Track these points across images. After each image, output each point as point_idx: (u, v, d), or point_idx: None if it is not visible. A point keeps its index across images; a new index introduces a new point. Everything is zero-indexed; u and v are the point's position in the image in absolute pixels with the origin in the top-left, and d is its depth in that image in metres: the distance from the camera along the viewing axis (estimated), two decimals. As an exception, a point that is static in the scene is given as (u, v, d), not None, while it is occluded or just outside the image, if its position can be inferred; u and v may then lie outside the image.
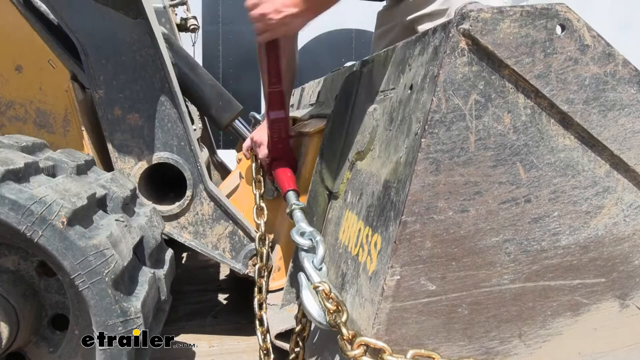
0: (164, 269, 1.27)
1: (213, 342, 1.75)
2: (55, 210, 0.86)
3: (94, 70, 1.46)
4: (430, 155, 0.88)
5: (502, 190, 0.92)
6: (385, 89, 1.19)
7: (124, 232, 1.02)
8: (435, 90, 0.87)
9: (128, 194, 1.25)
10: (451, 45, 0.87)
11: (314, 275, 1.11)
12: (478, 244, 0.92)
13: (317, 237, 1.21)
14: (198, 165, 1.55)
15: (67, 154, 1.23)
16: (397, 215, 0.92)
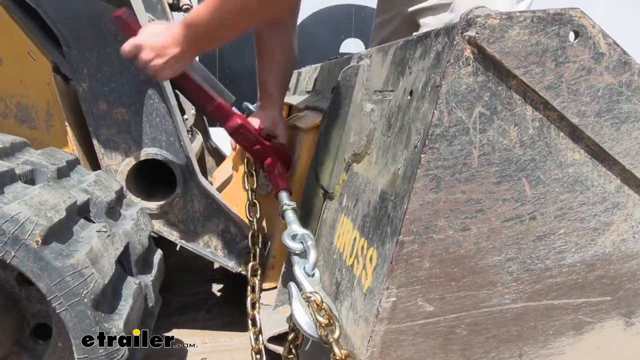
0: (152, 273, 1.23)
1: (206, 338, 1.73)
2: (29, 229, 0.81)
3: (77, 62, 1.39)
4: (431, 171, 0.82)
5: (506, 208, 0.86)
6: (384, 90, 1.12)
7: (106, 245, 0.97)
8: (437, 102, 0.81)
9: (113, 197, 1.20)
10: (455, 53, 0.80)
11: (305, 284, 1.07)
12: (479, 264, 0.88)
13: (309, 242, 1.17)
14: (188, 161, 1.49)
15: (47, 155, 1.17)
16: (394, 233, 0.87)
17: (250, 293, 1.50)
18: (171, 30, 1.22)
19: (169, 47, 1.20)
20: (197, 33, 1.20)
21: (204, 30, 1.19)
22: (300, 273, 1.10)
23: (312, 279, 1.11)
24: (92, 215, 1.11)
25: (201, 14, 1.17)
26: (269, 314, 1.47)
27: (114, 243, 1.02)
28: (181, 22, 1.22)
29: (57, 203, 0.93)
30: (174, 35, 1.21)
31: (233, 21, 1.18)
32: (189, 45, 1.22)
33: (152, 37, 1.21)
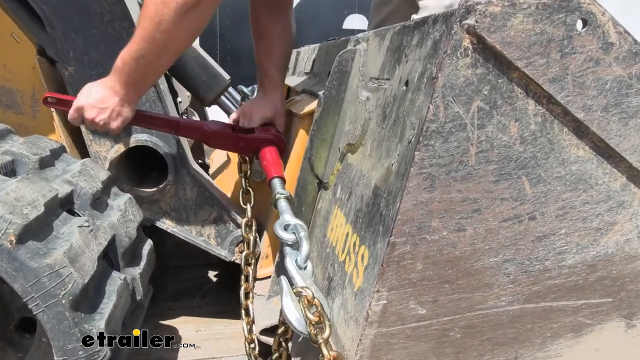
0: (140, 265, 1.20)
1: (200, 326, 1.71)
2: (2, 228, 0.77)
3: (62, 44, 1.33)
4: (425, 169, 0.78)
5: (504, 207, 0.82)
6: (380, 77, 1.07)
7: (87, 240, 0.93)
8: (432, 95, 0.76)
9: (99, 187, 1.16)
10: (453, 43, 0.74)
11: (297, 277, 1.03)
12: (474, 265, 0.84)
13: (302, 233, 1.13)
14: (180, 148, 1.45)
15: (30, 144, 1.12)
16: (386, 233, 0.83)
17: (244, 282, 1.48)
18: (103, 82, 1.20)
19: (107, 99, 1.19)
20: (132, 74, 1.17)
21: (137, 69, 1.16)
22: (291, 266, 1.06)
23: (304, 272, 1.08)
24: (77, 207, 1.08)
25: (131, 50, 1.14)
26: (262, 304, 1.44)
27: (97, 238, 0.98)
28: (112, 70, 1.19)
29: (35, 198, 0.89)
30: (108, 86, 1.19)
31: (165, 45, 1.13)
32: (127, 88, 1.19)
33: (89, 97, 1.20)
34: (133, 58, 1.14)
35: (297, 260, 1.08)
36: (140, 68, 1.16)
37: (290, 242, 1.14)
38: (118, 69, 1.17)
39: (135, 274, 1.15)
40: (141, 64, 1.15)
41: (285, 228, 1.17)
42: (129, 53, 1.14)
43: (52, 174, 1.11)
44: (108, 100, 1.18)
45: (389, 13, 1.42)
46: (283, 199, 1.27)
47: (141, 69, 1.16)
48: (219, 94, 1.67)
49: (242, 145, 1.43)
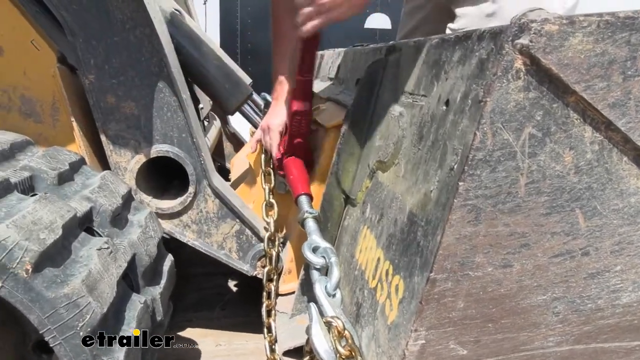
0: (161, 284, 1.15)
1: (220, 339, 1.67)
2: (18, 256, 0.73)
3: (83, 52, 1.29)
4: (469, 201, 0.71)
5: (555, 242, 0.75)
6: (415, 93, 1.00)
7: (107, 264, 0.89)
8: (480, 121, 0.69)
9: (119, 203, 1.11)
10: (504, 65, 0.68)
11: (327, 306, 0.98)
12: (521, 304, 0.77)
13: (332, 258, 1.07)
14: (201, 159, 1.40)
15: (49, 157, 1.09)
16: (425, 267, 0.76)
17: (265, 299, 1.42)
18: None
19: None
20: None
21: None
22: (321, 293, 1.00)
23: (333, 299, 1.02)
24: (96, 224, 1.04)
25: None
26: (284, 322, 1.39)
27: (117, 260, 0.94)
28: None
29: (52, 220, 0.85)
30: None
31: None
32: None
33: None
34: None
35: (327, 287, 1.02)
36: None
37: (319, 265, 1.08)
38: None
39: (156, 294, 1.10)
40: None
41: (314, 250, 1.12)
42: None
43: (70, 189, 1.07)
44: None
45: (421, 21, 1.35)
46: (311, 219, 1.21)
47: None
48: (241, 102, 1.63)
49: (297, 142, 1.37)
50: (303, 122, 1.37)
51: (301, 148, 1.40)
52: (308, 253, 1.11)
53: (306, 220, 1.23)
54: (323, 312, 0.97)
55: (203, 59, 1.60)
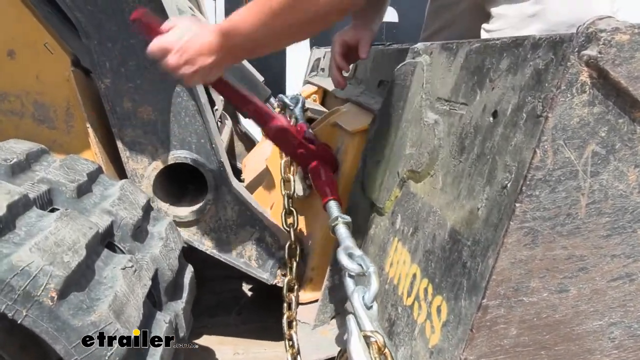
0: (183, 298, 1.11)
1: (238, 347, 1.63)
2: (43, 283, 0.69)
3: (99, 55, 1.24)
4: (527, 224, 0.67)
5: (615, 265, 0.70)
6: (452, 100, 0.95)
7: (132, 284, 0.85)
8: (540, 138, 0.64)
9: (139, 215, 1.07)
10: (568, 78, 0.62)
11: (365, 319, 0.92)
12: (576, 329, 0.73)
13: (371, 267, 1.01)
14: (221, 165, 1.35)
15: (66, 168, 1.04)
16: (474, 291, 0.72)
17: (286, 310, 1.38)
18: (205, 34, 1.04)
19: (201, 56, 1.03)
20: (237, 45, 1.02)
21: (247, 42, 1.01)
22: (359, 304, 0.95)
23: (370, 312, 0.97)
24: (117, 239, 0.99)
25: (247, 24, 0.99)
26: (307, 334, 1.35)
27: (142, 278, 0.89)
28: (217, 28, 1.03)
29: (76, 239, 0.80)
30: (207, 43, 1.03)
31: (289, 33, 1.00)
32: (225, 55, 1.04)
33: (182, 41, 1.03)
34: (245, 33, 0.99)
35: (365, 298, 0.97)
36: (249, 44, 1.02)
37: (355, 273, 1.03)
38: (224, 32, 1.01)
39: (179, 310, 1.06)
40: (251, 42, 1.00)
41: (349, 256, 1.07)
42: (242, 25, 0.99)
43: (89, 202, 1.02)
44: (201, 56, 1.02)
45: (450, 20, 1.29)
46: (342, 224, 1.16)
47: (250, 45, 1.02)
48: (259, 106, 1.57)
49: (300, 152, 1.33)
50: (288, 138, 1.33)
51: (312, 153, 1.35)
52: (344, 258, 1.05)
53: (337, 226, 1.17)
54: (361, 325, 0.93)
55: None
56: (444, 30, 1.33)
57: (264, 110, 1.30)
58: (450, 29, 1.31)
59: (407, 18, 5.12)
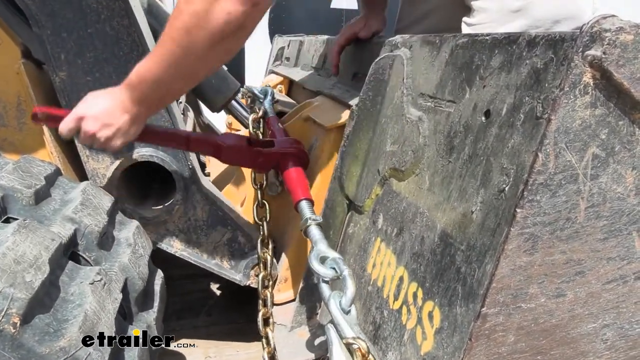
0: (154, 307, 1.05)
1: (209, 350, 1.57)
2: (3, 308, 0.61)
3: (52, 46, 1.14)
4: (527, 229, 0.64)
5: (610, 268, 0.69)
6: (438, 97, 0.92)
7: (102, 300, 0.78)
8: (542, 142, 0.62)
9: (104, 220, 0.99)
10: (572, 79, 0.60)
11: (344, 325, 0.89)
12: (571, 333, 0.72)
13: (345, 270, 0.98)
14: (189, 163, 1.28)
15: (21, 171, 0.94)
16: (471, 298, 0.69)
17: (262, 307, 1.33)
18: (113, 95, 1.02)
19: (115, 114, 1.01)
20: (148, 94, 1.00)
21: (157, 88, 0.99)
22: (337, 311, 0.92)
23: (349, 317, 0.94)
24: (81, 249, 0.91)
25: (152, 70, 0.97)
26: (284, 336, 1.31)
27: (112, 292, 0.82)
28: (124, 84, 1.01)
29: (37, 254, 0.73)
30: (119, 102, 1.01)
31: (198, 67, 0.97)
32: (139, 108, 1.02)
33: (93, 107, 1.02)
34: (153, 80, 0.97)
35: (341, 303, 0.94)
36: (161, 90, 0.99)
37: (328, 278, 1.00)
38: (132, 86, 1.00)
39: (150, 320, 0.99)
40: (162, 87, 0.99)
41: (322, 261, 1.03)
42: (148, 73, 0.97)
43: (49, 208, 0.94)
44: (115, 115, 1.01)
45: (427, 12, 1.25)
46: (315, 226, 1.12)
47: (161, 91, 0.99)
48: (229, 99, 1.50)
49: (260, 161, 1.28)
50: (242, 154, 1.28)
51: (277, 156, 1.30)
52: (316, 264, 1.02)
53: (310, 227, 1.13)
54: (341, 332, 0.89)
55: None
56: (421, 22, 1.30)
57: (204, 139, 1.25)
58: (427, 21, 1.28)
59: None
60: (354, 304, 0.95)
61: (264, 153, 1.27)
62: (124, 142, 1.06)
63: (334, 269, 1.01)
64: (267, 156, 1.27)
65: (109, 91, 1.04)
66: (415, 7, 1.31)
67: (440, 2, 1.23)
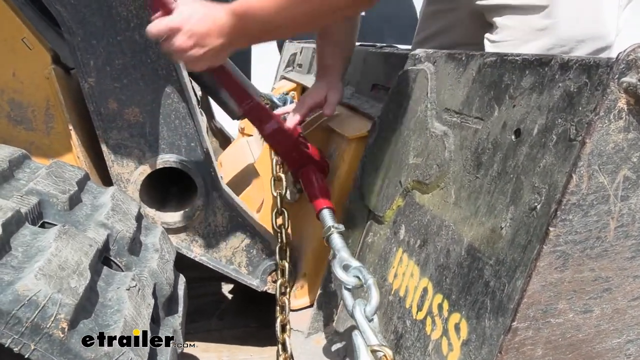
0: (179, 312, 1.06)
1: (223, 354, 1.59)
2: (52, 313, 0.63)
3: (82, 53, 1.16)
4: (559, 247, 0.67)
5: (636, 285, 0.72)
6: (464, 113, 0.94)
7: (138, 305, 0.80)
8: (576, 163, 0.64)
9: (134, 226, 1.01)
10: (607, 104, 0.62)
11: (369, 333, 0.91)
12: (596, 348, 0.74)
13: (370, 279, 0.99)
14: (211, 169, 1.30)
15: (54, 177, 0.96)
16: (501, 312, 0.72)
17: (279, 314, 1.35)
18: (215, 16, 0.98)
19: (211, 37, 0.97)
20: (250, 28, 0.98)
21: (262, 26, 0.97)
22: (362, 318, 0.94)
23: (372, 324, 0.96)
24: (113, 254, 0.93)
25: (264, 8, 0.95)
26: (301, 342, 1.33)
27: (145, 298, 0.84)
28: (230, 9, 0.98)
29: (79, 260, 0.75)
30: (219, 24, 0.97)
31: (307, 22, 0.97)
32: (237, 38, 0.99)
33: (191, 21, 0.97)
34: (262, 16, 0.94)
35: (366, 311, 0.96)
36: (266, 28, 0.97)
37: (351, 285, 1.02)
38: (237, 14, 0.96)
39: (177, 325, 1.01)
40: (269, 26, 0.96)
41: (345, 269, 1.05)
42: (260, 9, 0.94)
43: (82, 214, 0.95)
44: (211, 38, 0.97)
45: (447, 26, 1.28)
46: (337, 234, 1.14)
47: (266, 28, 0.97)
48: (249, 106, 1.52)
49: (294, 155, 1.30)
50: (282, 139, 1.29)
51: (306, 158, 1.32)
52: (340, 271, 1.04)
53: (332, 235, 1.15)
54: (366, 339, 0.91)
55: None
56: (440, 35, 1.32)
57: (261, 108, 1.25)
58: (447, 35, 1.30)
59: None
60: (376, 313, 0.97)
61: (300, 150, 1.30)
62: (209, 66, 1.04)
63: (358, 277, 1.03)
64: (301, 154, 1.30)
65: (209, 9, 1.00)
66: (435, 21, 1.33)
67: (460, 17, 1.25)
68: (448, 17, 1.29)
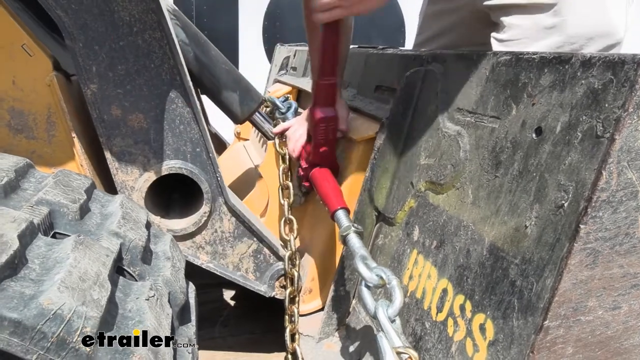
0: (192, 321, 1.04)
1: (229, 362, 1.56)
2: (78, 326, 0.61)
3: (84, 59, 1.13)
4: (589, 244, 0.66)
5: (663, 280, 0.72)
6: (479, 113, 0.94)
7: (158, 316, 0.78)
8: (606, 160, 0.64)
9: (145, 234, 0.99)
10: (636, 101, 0.62)
11: (393, 335, 0.90)
12: (624, 344, 0.74)
13: (394, 280, 0.97)
14: (217, 175, 1.28)
15: (63, 186, 0.94)
16: (530, 311, 0.71)
17: (288, 323, 1.33)
18: None
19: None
20: None
21: None
22: (385, 320, 0.92)
23: (395, 325, 0.94)
24: (126, 263, 0.91)
25: None
26: (311, 347, 1.31)
27: (164, 307, 0.82)
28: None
29: (97, 271, 0.72)
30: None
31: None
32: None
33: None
34: None
35: (388, 312, 0.94)
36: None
37: (373, 284, 0.99)
38: None
39: (191, 335, 0.99)
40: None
41: (367, 267, 1.03)
42: None
43: (92, 222, 0.93)
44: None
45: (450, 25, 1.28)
46: (354, 233, 1.12)
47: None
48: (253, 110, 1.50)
49: (324, 150, 1.29)
50: (329, 129, 1.28)
51: (328, 158, 1.31)
52: (362, 268, 1.01)
53: (349, 235, 1.13)
54: (389, 341, 0.90)
55: (211, 63, 1.46)
56: (442, 36, 1.32)
57: (334, 91, 1.25)
58: (450, 35, 1.30)
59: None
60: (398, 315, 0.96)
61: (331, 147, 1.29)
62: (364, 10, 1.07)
63: (381, 277, 1.01)
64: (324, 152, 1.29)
65: None
66: (437, 21, 1.33)
67: (463, 16, 1.25)
68: (451, 17, 1.29)
